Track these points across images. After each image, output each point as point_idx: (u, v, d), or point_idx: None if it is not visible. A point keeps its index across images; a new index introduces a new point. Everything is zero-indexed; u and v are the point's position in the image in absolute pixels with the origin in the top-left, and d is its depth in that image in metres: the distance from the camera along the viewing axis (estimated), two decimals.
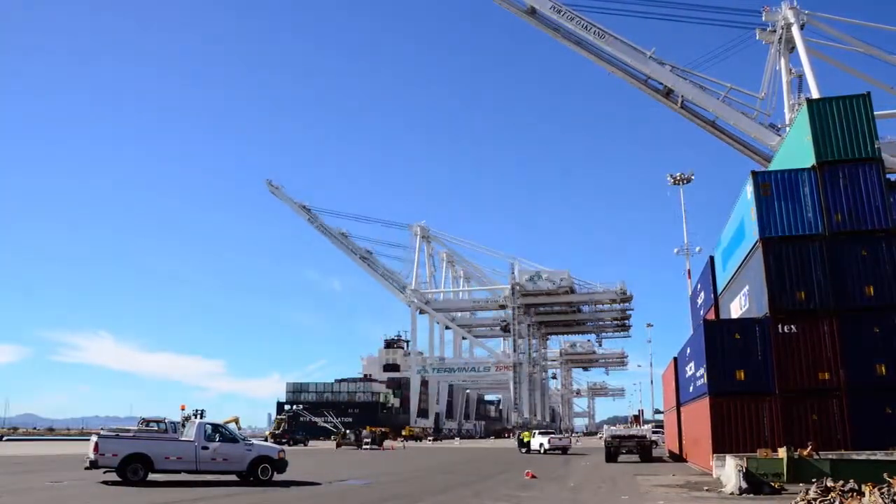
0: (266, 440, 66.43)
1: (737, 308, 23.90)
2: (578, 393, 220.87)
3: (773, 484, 15.33)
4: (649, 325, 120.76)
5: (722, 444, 18.45)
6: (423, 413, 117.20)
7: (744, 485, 14.99)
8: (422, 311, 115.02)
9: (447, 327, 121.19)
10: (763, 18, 56.19)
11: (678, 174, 49.93)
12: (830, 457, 16.06)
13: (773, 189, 20.34)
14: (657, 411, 66.51)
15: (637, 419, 57.41)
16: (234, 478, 18.83)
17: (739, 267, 23.29)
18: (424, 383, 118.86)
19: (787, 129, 44.29)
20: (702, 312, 31.07)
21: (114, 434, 18.73)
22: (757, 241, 20.22)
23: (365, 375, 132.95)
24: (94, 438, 18.36)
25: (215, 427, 19.46)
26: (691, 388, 25.11)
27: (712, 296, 28.51)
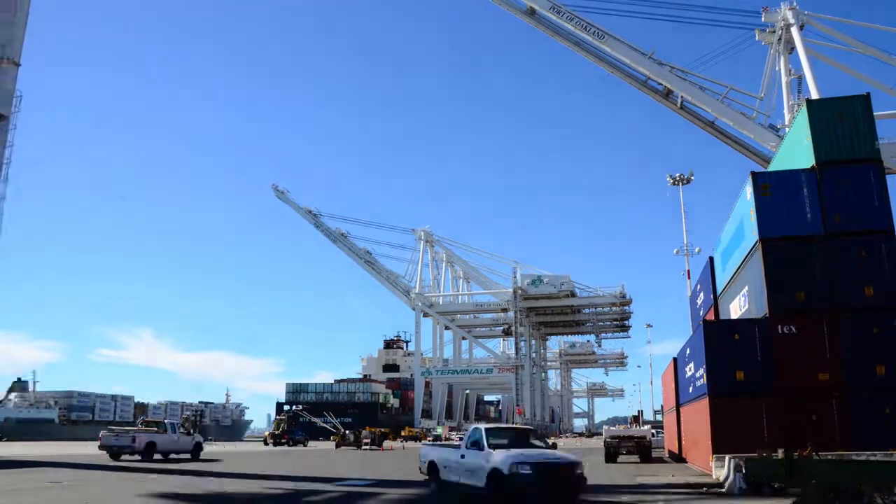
0: (266, 441, 66.51)
1: (736, 308, 23.91)
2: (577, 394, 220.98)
3: (772, 484, 15.32)
4: (649, 325, 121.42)
5: (721, 445, 18.43)
6: (426, 414, 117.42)
7: (743, 485, 15.01)
8: (426, 315, 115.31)
9: (446, 328, 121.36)
10: (762, 19, 56.33)
11: (678, 174, 50.02)
12: (830, 457, 16.05)
13: (772, 189, 20.35)
14: (657, 412, 66.53)
15: (637, 420, 57.36)
16: None
17: (739, 267, 23.31)
18: (427, 385, 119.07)
19: (787, 129, 44.33)
20: (701, 313, 31.08)
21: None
22: (756, 242, 20.24)
23: (364, 376, 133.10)
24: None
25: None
26: (691, 389, 25.12)
27: (712, 296, 28.52)
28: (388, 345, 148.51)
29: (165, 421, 30.71)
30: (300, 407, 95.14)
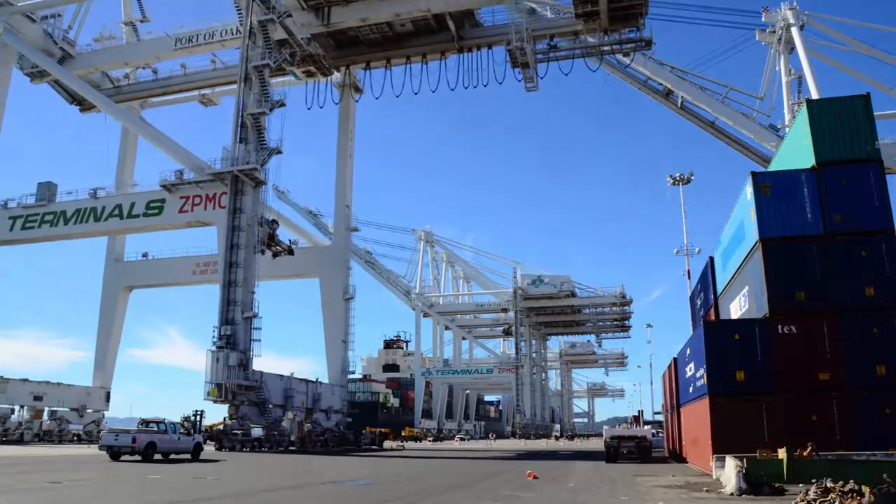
0: None
1: (736, 308, 23.90)
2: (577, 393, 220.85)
3: (772, 484, 15.31)
4: (649, 325, 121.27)
5: (722, 445, 18.43)
6: (427, 414, 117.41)
7: (743, 485, 14.97)
8: (426, 315, 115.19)
9: (447, 328, 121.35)
10: (762, 19, 56.29)
11: (678, 174, 49.93)
12: (830, 457, 16.04)
13: (772, 189, 20.35)
14: (657, 412, 66.52)
15: (637, 420, 57.40)
16: None
17: (739, 267, 23.30)
18: (427, 385, 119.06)
19: (787, 129, 44.32)
20: (701, 313, 31.09)
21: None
22: (756, 242, 20.23)
23: (365, 376, 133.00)
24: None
25: None
26: (691, 389, 25.11)
27: (712, 296, 28.52)
28: (388, 345, 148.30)
29: (165, 421, 31.02)
30: None
